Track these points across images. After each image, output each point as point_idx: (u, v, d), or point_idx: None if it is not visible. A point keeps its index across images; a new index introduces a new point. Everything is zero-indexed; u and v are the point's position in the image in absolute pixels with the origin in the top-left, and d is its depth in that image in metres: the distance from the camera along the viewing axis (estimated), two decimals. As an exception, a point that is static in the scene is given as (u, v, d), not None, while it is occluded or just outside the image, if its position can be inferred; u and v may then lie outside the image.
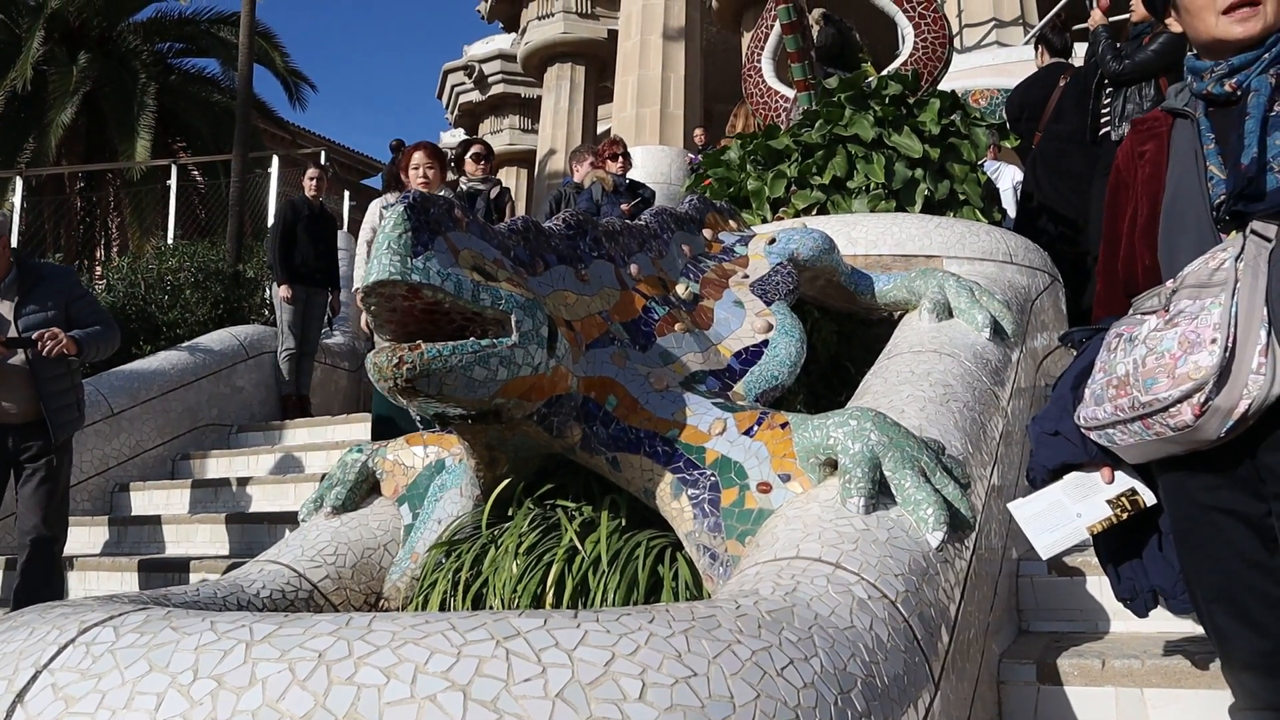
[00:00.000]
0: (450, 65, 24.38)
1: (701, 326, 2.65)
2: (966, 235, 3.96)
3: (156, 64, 17.03)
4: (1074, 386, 1.85)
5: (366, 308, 1.83)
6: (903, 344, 2.95)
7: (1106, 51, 5.09)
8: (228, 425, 6.79)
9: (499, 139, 23.55)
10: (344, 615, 1.23)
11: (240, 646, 1.14)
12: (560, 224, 2.47)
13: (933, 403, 2.41)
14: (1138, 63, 4.97)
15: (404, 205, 1.83)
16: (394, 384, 1.75)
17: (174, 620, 1.21)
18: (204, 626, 1.17)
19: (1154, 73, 4.96)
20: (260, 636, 1.16)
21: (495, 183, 6.42)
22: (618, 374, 2.24)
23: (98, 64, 15.75)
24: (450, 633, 1.18)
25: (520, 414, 1.99)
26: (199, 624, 1.18)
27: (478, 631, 1.19)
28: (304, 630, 1.17)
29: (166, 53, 17.89)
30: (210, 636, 1.15)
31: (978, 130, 4.66)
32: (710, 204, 3.41)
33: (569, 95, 19.21)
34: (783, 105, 5.68)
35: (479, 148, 6.44)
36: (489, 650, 1.15)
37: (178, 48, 18.12)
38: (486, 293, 1.87)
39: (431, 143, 5.04)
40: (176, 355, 6.70)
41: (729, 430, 2.10)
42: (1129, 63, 4.98)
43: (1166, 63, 4.93)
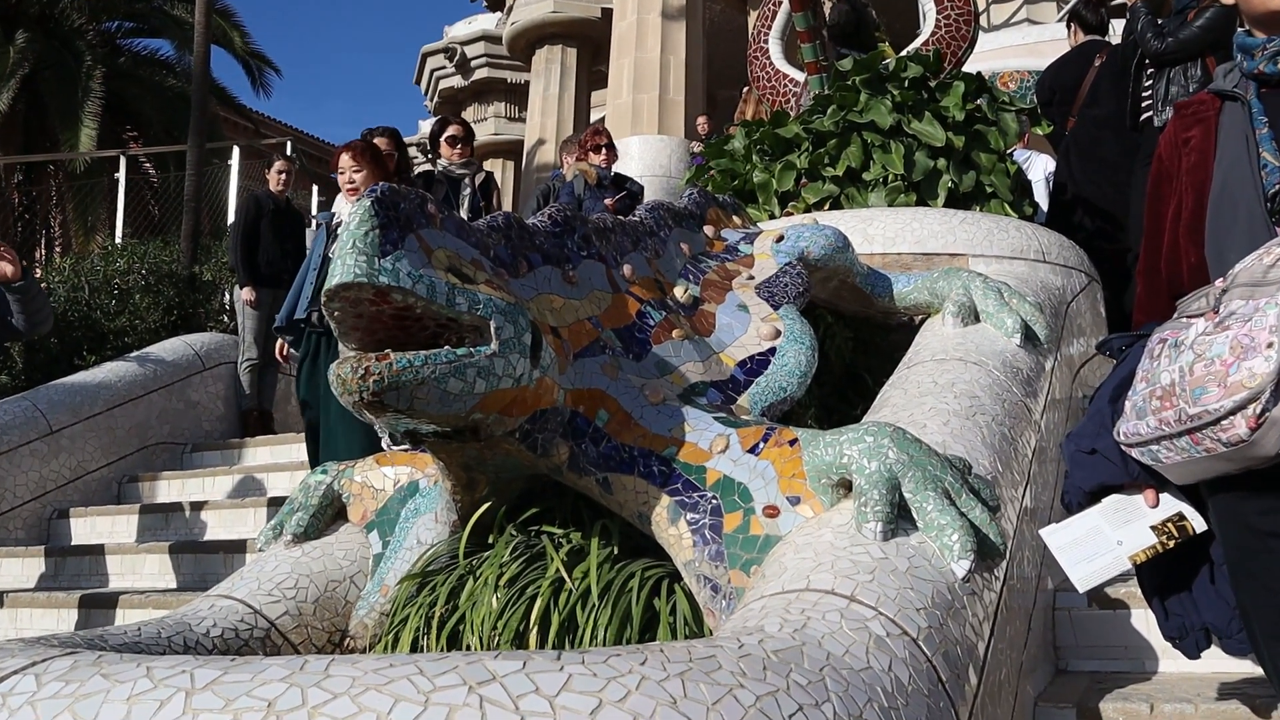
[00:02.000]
0: (429, 48, 24.43)
1: (702, 333, 2.64)
2: (994, 231, 3.95)
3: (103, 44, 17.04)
4: (1113, 399, 1.84)
5: (329, 313, 1.81)
6: (924, 352, 2.94)
7: (1147, 28, 5.07)
8: (181, 444, 6.77)
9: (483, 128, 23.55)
10: (300, 658, 1.21)
11: (179, 696, 1.11)
12: (546, 220, 2.45)
13: (958, 416, 2.40)
14: (1182, 40, 4.94)
15: (371, 199, 1.82)
16: (359, 398, 1.74)
17: (105, 666, 1.18)
18: (139, 673, 1.15)
19: (1200, 51, 4.94)
20: (202, 684, 1.13)
21: (479, 167, 6.40)
22: (609, 386, 2.23)
23: (37, 44, 15.74)
24: (418, 677, 1.16)
25: (501, 431, 1.98)
26: (133, 670, 1.16)
27: (449, 676, 1.17)
28: (253, 676, 1.15)
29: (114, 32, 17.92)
30: (145, 684, 1.13)
31: (1006, 116, 4.66)
32: (712, 198, 3.40)
33: (559, 80, 19.25)
34: (792, 89, 5.68)
35: (455, 129, 6.38)
36: (460, 697, 1.13)
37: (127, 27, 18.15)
38: (463, 296, 1.86)
39: (365, 141, 4.91)
40: (124, 366, 6.67)
41: (732, 448, 2.08)
42: (1172, 40, 4.96)
43: (1214, 40, 4.91)
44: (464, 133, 6.36)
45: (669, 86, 13.17)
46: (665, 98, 13.07)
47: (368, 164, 4.70)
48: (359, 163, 4.68)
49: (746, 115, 8.01)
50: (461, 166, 6.25)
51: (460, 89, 23.97)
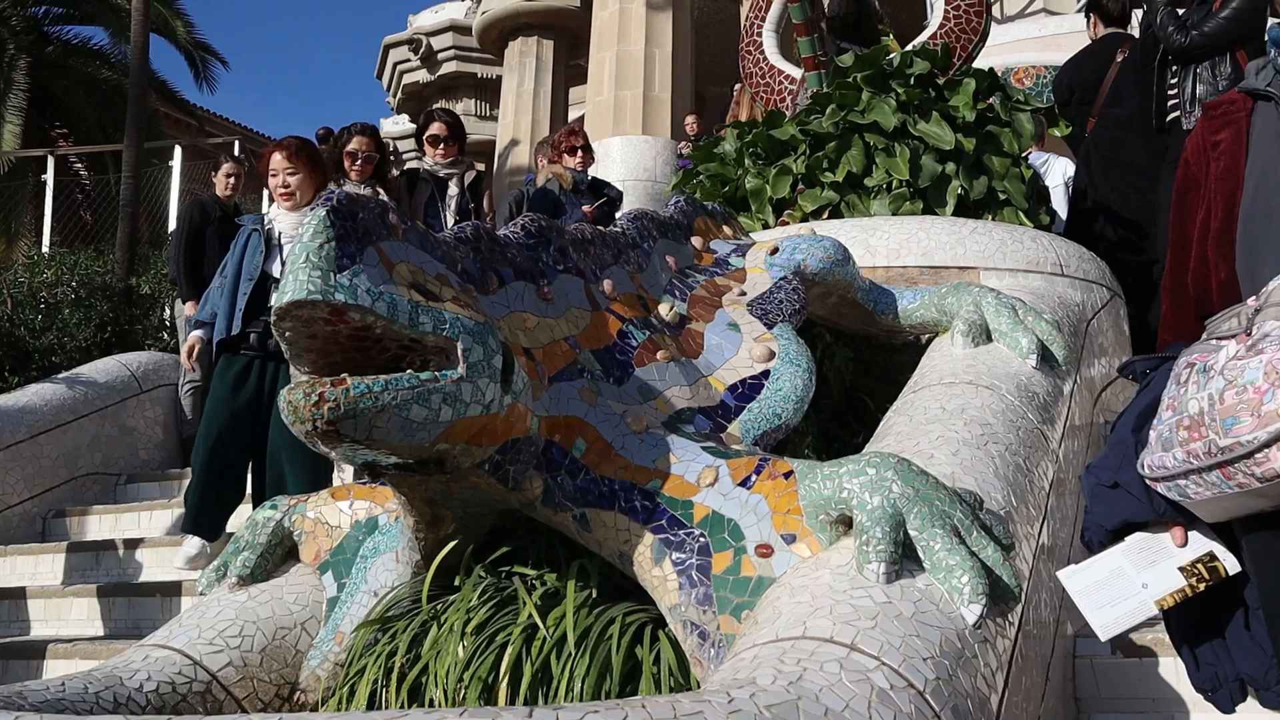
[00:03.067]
0: (392, 39, 24.48)
1: (689, 354, 2.65)
2: (1008, 242, 3.98)
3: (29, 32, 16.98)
4: (1137, 428, 1.86)
5: (280, 334, 1.81)
6: (931, 374, 2.95)
7: (1167, 21, 5.06)
8: (114, 474, 6.72)
9: (449, 126, 23.55)
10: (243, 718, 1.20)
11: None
12: (519, 231, 2.46)
13: (968, 446, 2.41)
14: (1207, 33, 4.93)
15: (326, 209, 1.82)
16: (312, 427, 1.74)
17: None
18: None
19: (1227, 44, 4.94)
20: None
21: (469, 165, 6.41)
22: (587, 413, 2.23)
23: (-50, 29, 15.70)
24: (375, 737, 1.15)
25: (469, 462, 1.98)
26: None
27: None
28: (194, 736, 1.15)
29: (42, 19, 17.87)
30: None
31: (1021, 116, 4.70)
32: (700, 206, 3.42)
33: (534, 75, 19.31)
34: (788, 87, 5.72)
35: (437, 127, 6.32)
36: (423, 759, 1.13)
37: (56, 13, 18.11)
38: (427, 315, 1.86)
39: (301, 138, 4.83)
40: (51, 389, 6.64)
41: (722, 481, 2.09)
42: (1196, 34, 4.94)
43: (1243, 32, 4.91)
44: (447, 130, 6.32)
45: (654, 83, 13.23)
46: (650, 95, 13.12)
47: (304, 165, 4.64)
48: (294, 163, 4.62)
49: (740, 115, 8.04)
50: (448, 166, 6.24)
51: (426, 84, 24.01)
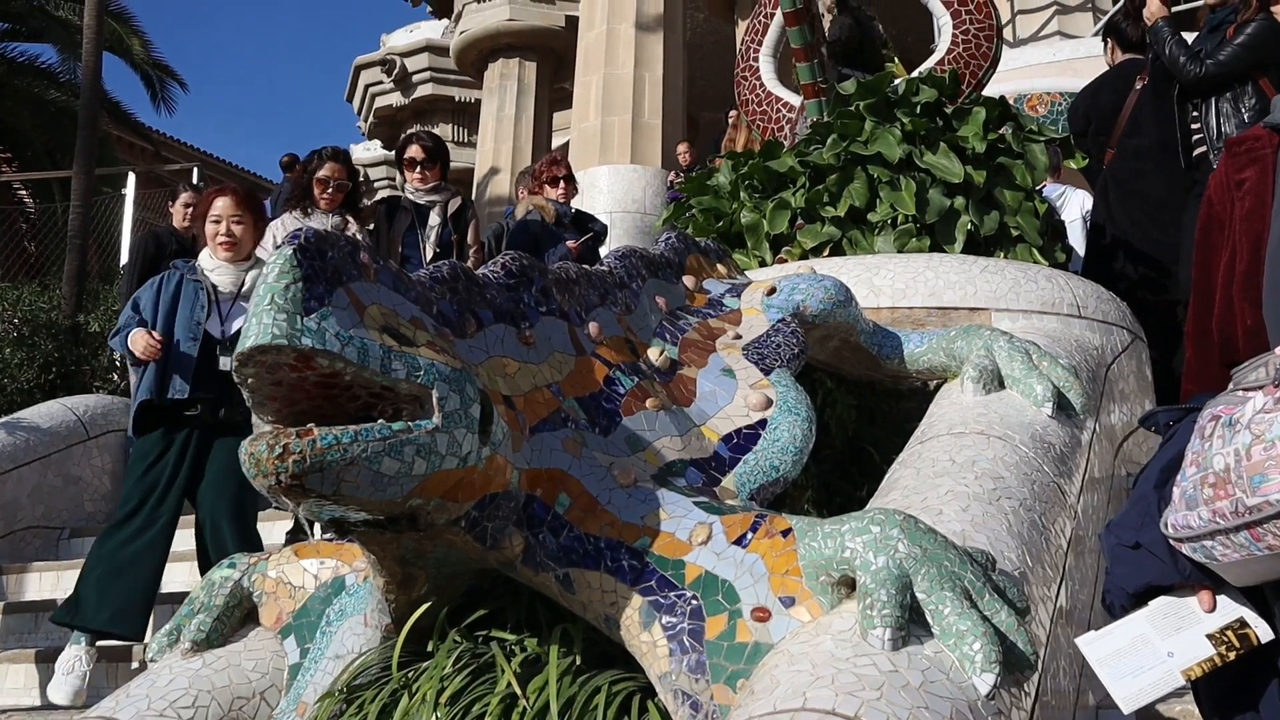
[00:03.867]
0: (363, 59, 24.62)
1: (681, 402, 2.66)
2: (1021, 281, 4.01)
3: (-31, 49, 17.05)
4: (1159, 484, 1.86)
5: (241, 380, 1.82)
6: (940, 423, 2.97)
7: (1178, 51, 5.07)
8: (57, 528, 6.68)
9: (424, 153, 23.65)
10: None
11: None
12: (498, 270, 2.48)
13: (979, 501, 2.42)
14: (1222, 62, 4.95)
15: (293, 247, 1.83)
16: (276, 481, 1.74)
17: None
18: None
19: (1243, 72, 4.98)
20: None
21: (453, 193, 6.38)
22: (571, 465, 2.23)
23: (-117, 45, 15.73)
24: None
25: (444, 519, 1.98)
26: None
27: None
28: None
29: (-16, 35, 17.95)
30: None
31: (1034, 147, 4.74)
32: (693, 243, 3.44)
33: (516, 99, 19.44)
34: (786, 115, 5.77)
35: (415, 150, 6.30)
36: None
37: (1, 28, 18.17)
38: (400, 361, 1.87)
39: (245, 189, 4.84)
40: (-9, 435, 6.61)
41: (715, 539, 2.09)
42: (1211, 63, 4.96)
43: (1259, 59, 4.93)
44: (425, 154, 6.28)
45: (643, 108, 13.31)
46: (639, 121, 13.19)
47: (249, 214, 4.66)
48: (241, 211, 4.63)
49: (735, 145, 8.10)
50: (429, 193, 6.22)
51: (400, 108, 24.13)
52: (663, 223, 5.53)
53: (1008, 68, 8.35)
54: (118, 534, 4.55)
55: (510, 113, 19.38)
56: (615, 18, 13.82)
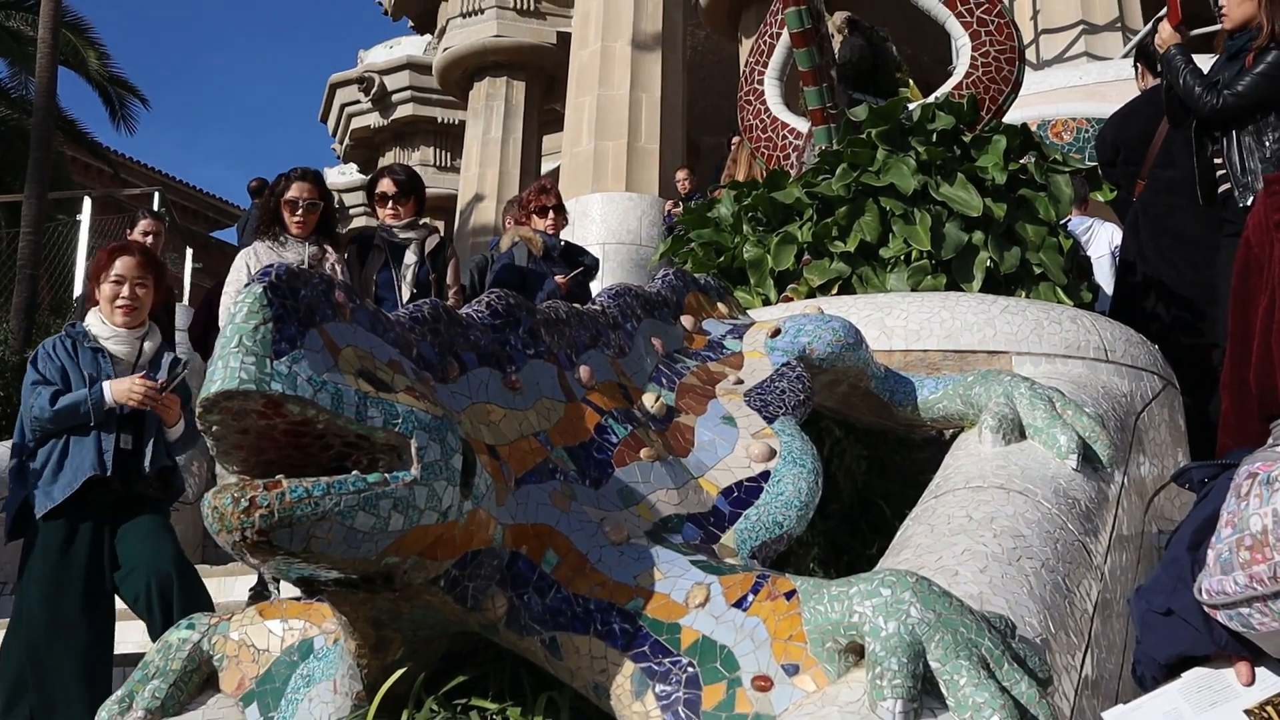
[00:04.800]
0: (339, 77, 24.78)
1: (678, 453, 2.66)
2: (1044, 323, 4.02)
3: (-89, 61, 17.09)
4: (1193, 545, 1.87)
5: (206, 428, 1.82)
6: (956, 476, 2.97)
7: (1193, 81, 5.05)
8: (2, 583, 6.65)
9: (404, 179, 23.70)
10: None
11: None
12: (483, 310, 2.49)
13: (998, 561, 2.42)
14: (1241, 93, 4.94)
15: (263, 285, 1.84)
16: (241, 537, 1.74)
17: None
18: None
19: (1266, 102, 4.98)
20: None
21: (431, 230, 6.38)
22: (559, 520, 2.24)
23: None
24: None
25: (421, 578, 1.98)
26: None
27: None
28: None
29: (-74, 47, 18.01)
30: None
31: (1059, 178, 4.77)
32: (692, 280, 3.45)
33: (503, 121, 19.54)
34: (793, 143, 5.81)
35: (386, 184, 6.29)
36: None
37: (-55, 41, 18.25)
38: (377, 408, 1.87)
39: (148, 250, 4.80)
40: (-66, 480, 6.58)
41: (714, 601, 2.09)
42: (1229, 94, 4.95)
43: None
44: (398, 188, 6.26)
45: (640, 132, 13.38)
46: (635, 145, 13.26)
47: (152, 277, 4.63)
48: (145, 273, 4.60)
49: (738, 174, 8.14)
50: (405, 229, 6.20)
51: (378, 129, 24.28)
52: (659, 257, 5.55)
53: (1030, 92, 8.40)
54: (42, 638, 4.37)
55: (497, 135, 19.47)
56: (611, 35, 13.91)
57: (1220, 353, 4.91)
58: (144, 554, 4.48)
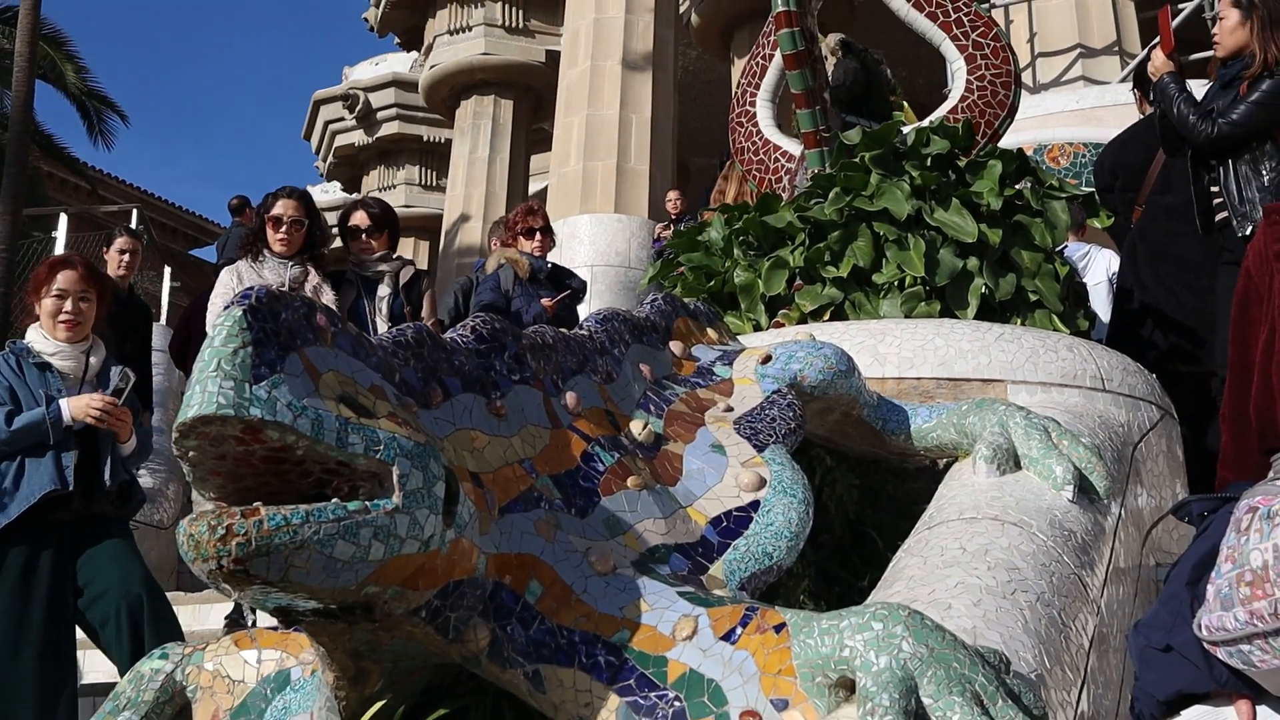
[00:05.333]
0: (323, 94, 24.81)
1: (665, 481, 2.66)
2: (1040, 351, 4.03)
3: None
4: (1192, 581, 1.87)
5: (182, 454, 1.81)
6: (950, 507, 2.97)
7: (1187, 110, 5.07)
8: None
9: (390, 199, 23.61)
10: None
11: None
12: (468, 334, 2.49)
13: (992, 595, 2.42)
14: (1237, 121, 4.96)
15: (243, 308, 1.84)
16: (217, 565, 1.73)
17: None
18: None
19: (1261, 131, 5.00)
20: None
21: (405, 262, 6.33)
22: (544, 550, 2.23)
23: None
24: None
25: (402, 608, 1.97)
26: None
27: None
28: None
29: (-100, 61, 17.98)
30: None
31: (1055, 204, 4.78)
32: (681, 305, 3.45)
33: (490, 140, 19.58)
34: (785, 166, 5.82)
35: (360, 216, 6.25)
36: None
37: (-82, 53, 18.22)
38: (358, 434, 1.87)
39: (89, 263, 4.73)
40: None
41: (701, 634, 2.09)
42: (1224, 122, 4.97)
43: (1277, 117, 4.98)
44: (372, 221, 6.23)
45: (630, 152, 13.41)
46: (625, 166, 13.29)
47: (95, 290, 4.61)
48: (88, 286, 4.58)
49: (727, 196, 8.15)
50: (378, 261, 6.16)
51: (362, 147, 24.30)
52: (648, 281, 5.55)
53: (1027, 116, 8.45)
54: None
55: (483, 155, 19.50)
56: (600, 54, 13.96)
57: (1219, 382, 4.92)
58: (112, 576, 4.45)
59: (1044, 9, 12.42)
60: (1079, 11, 12.26)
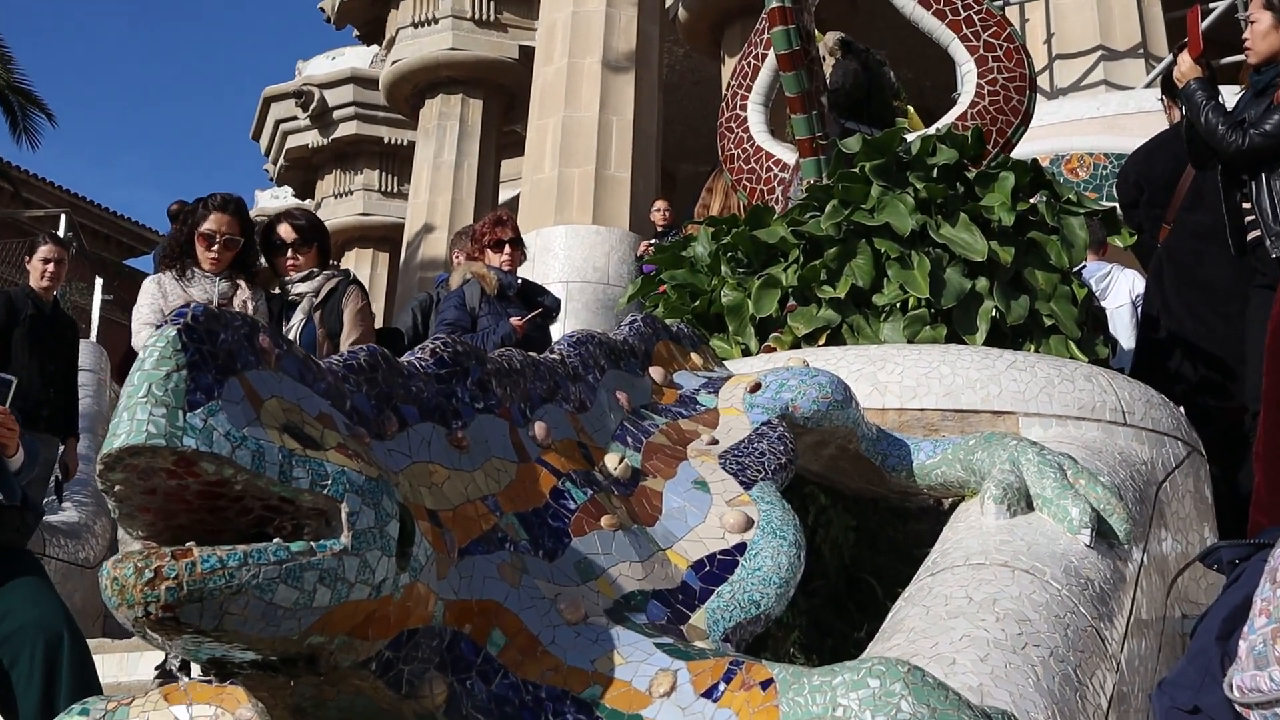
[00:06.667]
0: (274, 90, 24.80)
1: (643, 521, 2.65)
2: (1055, 380, 4.04)
3: None
4: (1222, 635, 1.87)
5: (108, 487, 1.80)
6: (955, 551, 2.97)
7: (1216, 119, 5.07)
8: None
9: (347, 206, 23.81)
10: None
11: None
12: (427, 358, 2.48)
13: (1001, 649, 2.42)
14: (1270, 133, 4.96)
15: (177, 327, 1.83)
16: (144, 613, 1.72)
17: None
18: None
19: None
20: None
21: (329, 277, 6.00)
22: (508, 596, 2.22)
23: None
24: None
25: (350, 660, 1.96)
26: None
27: None
28: None
29: None
30: None
31: (1073, 220, 4.79)
32: (662, 328, 3.45)
33: (457, 143, 19.58)
34: (778, 175, 5.83)
35: (285, 229, 5.98)
36: None
37: None
38: (303, 467, 1.86)
39: None
40: None
41: (680, 690, 2.08)
42: (1256, 134, 4.95)
43: None
44: (298, 234, 5.97)
45: (610, 158, 13.41)
46: (604, 173, 13.29)
47: None
48: None
49: (712, 209, 8.15)
50: (301, 281, 5.92)
51: (317, 149, 24.28)
52: (627, 300, 5.55)
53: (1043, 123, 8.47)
54: None
55: (450, 159, 19.49)
56: (579, 51, 13.96)
57: (1252, 417, 4.92)
58: (28, 613, 4.37)
59: (1062, 7, 12.47)
60: (1100, 10, 12.30)
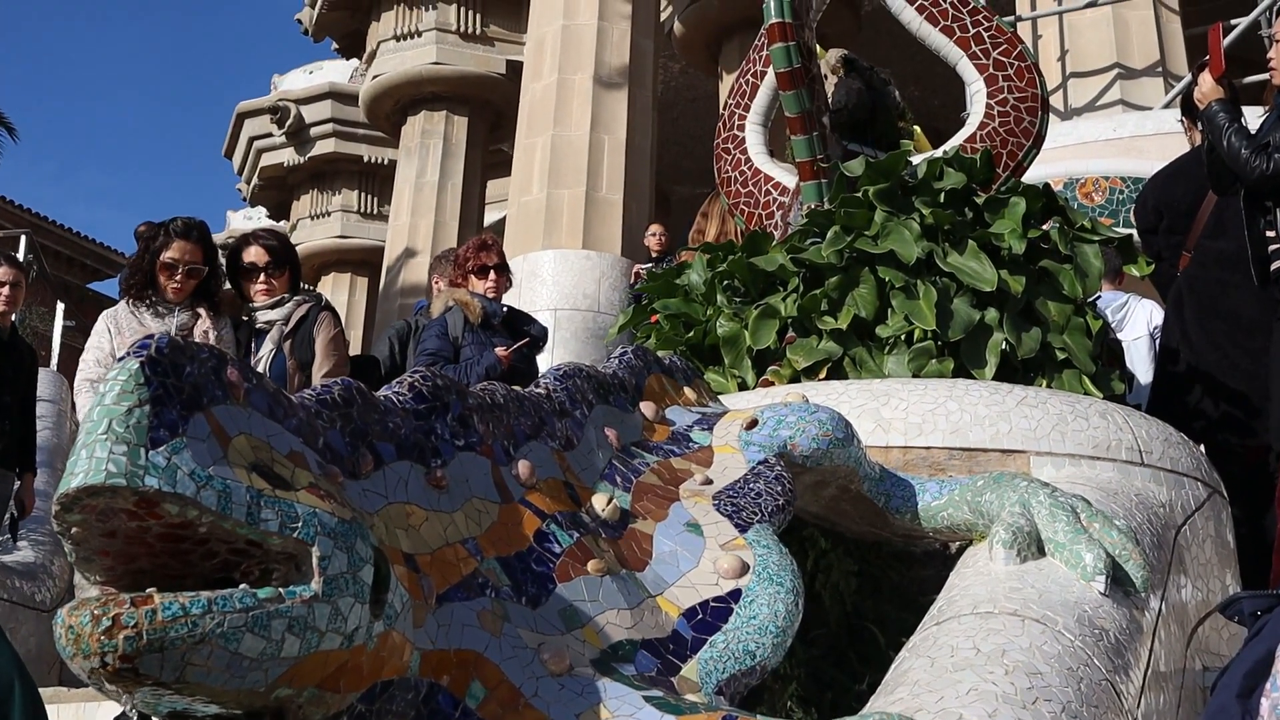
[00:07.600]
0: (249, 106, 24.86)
1: (633, 566, 2.65)
2: (1068, 417, 4.04)
3: None
4: (1243, 692, 1.88)
5: (64, 529, 1.80)
6: (962, 599, 2.97)
7: (1239, 142, 5.06)
8: None
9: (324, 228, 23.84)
10: None
11: None
12: (405, 392, 2.48)
13: (1010, 704, 2.42)
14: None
15: (140, 360, 1.83)
16: (100, 663, 1.71)
17: None
18: None
19: None
20: None
21: (307, 300, 5.96)
22: (489, 646, 2.22)
23: None
24: None
25: (320, 714, 1.96)
26: None
27: None
28: None
29: None
30: None
31: (1087, 248, 4.80)
32: (654, 360, 3.46)
33: (440, 162, 19.60)
34: (777, 199, 5.84)
35: (255, 253, 5.86)
36: None
37: None
38: (273, 509, 1.86)
39: None
40: None
41: (670, 747, 2.08)
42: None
43: None
44: (271, 256, 5.87)
45: (601, 179, 13.43)
46: (595, 195, 13.30)
47: None
48: None
49: (707, 235, 8.15)
50: (271, 308, 5.84)
51: (293, 168, 24.31)
52: (618, 330, 5.54)
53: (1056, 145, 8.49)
54: None
55: (433, 179, 19.51)
56: (569, 66, 13.99)
57: (1276, 457, 4.93)
58: None
59: (1077, 24, 12.51)
60: (1117, 27, 12.33)
